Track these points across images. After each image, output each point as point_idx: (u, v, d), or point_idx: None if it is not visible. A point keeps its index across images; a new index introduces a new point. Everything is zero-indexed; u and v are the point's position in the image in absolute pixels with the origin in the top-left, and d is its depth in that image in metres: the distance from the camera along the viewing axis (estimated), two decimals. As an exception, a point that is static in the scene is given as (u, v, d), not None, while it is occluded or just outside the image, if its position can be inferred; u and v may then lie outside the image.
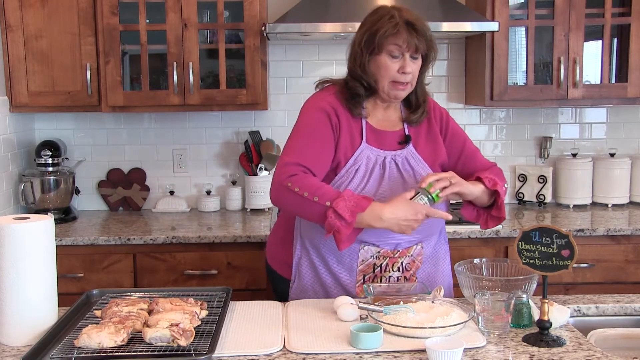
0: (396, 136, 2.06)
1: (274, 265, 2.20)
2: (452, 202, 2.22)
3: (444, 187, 1.89)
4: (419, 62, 1.99)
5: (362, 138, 2.01)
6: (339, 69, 3.44)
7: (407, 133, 2.07)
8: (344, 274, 2.03)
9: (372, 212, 1.83)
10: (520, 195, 3.51)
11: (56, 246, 1.76)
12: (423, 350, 1.55)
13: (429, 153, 2.08)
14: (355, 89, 2.00)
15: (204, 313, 1.76)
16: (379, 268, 2.02)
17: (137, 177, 3.49)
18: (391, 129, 2.07)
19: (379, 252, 2.00)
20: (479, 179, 2.01)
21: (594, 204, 3.48)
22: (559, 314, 1.73)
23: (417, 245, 2.04)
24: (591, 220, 3.13)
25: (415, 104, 2.08)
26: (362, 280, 2.03)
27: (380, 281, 2.01)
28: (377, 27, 1.94)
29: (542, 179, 3.44)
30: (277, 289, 2.21)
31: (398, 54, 1.94)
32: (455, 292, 2.12)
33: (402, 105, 2.10)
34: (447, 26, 2.94)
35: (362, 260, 2.01)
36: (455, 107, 3.51)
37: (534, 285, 1.85)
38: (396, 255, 2.01)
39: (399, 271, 2.02)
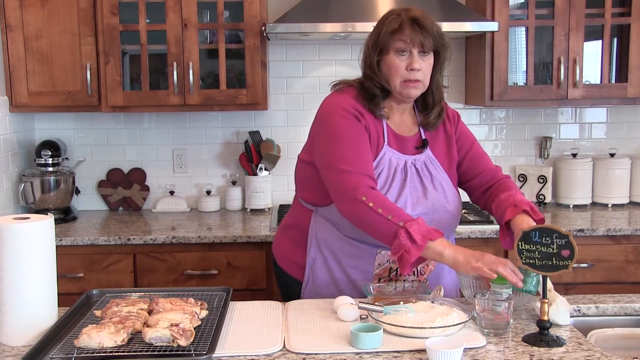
0: (413, 141, 2.05)
1: (283, 266, 2.18)
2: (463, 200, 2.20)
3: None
4: (430, 59, 1.97)
5: (384, 140, 2.00)
6: (339, 69, 3.44)
7: (424, 137, 2.06)
8: (360, 278, 2.03)
9: (441, 242, 1.81)
10: (520, 195, 3.51)
11: (56, 246, 1.76)
12: (423, 350, 1.55)
13: (446, 157, 2.07)
14: (371, 89, 1.99)
15: (204, 313, 1.76)
16: (394, 272, 2.01)
17: (137, 177, 3.49)
18: (408, 134, 2.05)
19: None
20: (522, 210, 1.90)
21: (594, 204, 3.47)
22: (562, 306, 1.73)
23: None
24: (591, 220, 3.13)
25: (432, 104, 2.06)
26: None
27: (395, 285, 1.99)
28: (382, 27, 1.95)
29: (542, 179, 3.44)
30: (287, 289, 2.19)
31: (405, 49, 1.93)
32: (456, 292, 2.12)
33: (416, 109, 2.09)
34: (447, 26, 2.93)
35: (379, 265, 2.01)
36: (456, 107, 3.50)
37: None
38: None
39: (414, 275, 2.02)
